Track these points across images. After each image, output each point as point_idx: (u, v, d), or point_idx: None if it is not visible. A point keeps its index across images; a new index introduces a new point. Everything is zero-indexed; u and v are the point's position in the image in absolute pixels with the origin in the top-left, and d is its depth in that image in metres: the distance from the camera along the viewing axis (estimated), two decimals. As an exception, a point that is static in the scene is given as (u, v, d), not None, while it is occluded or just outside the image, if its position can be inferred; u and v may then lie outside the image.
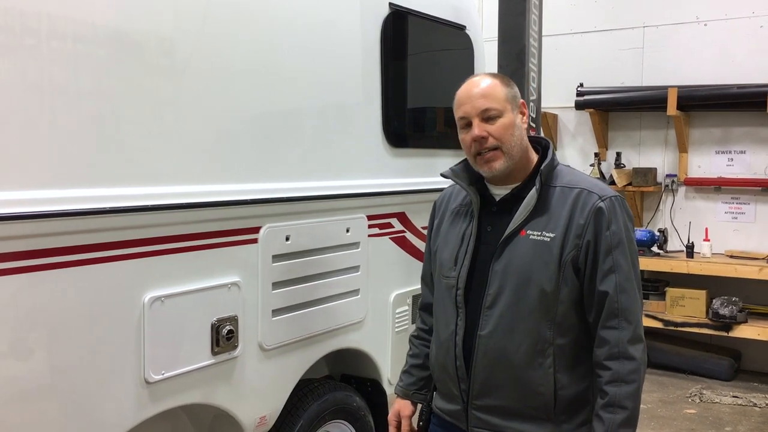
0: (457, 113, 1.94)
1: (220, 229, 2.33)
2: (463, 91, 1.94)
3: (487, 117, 1.88)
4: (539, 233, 1.85)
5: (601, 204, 1.84)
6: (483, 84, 1.91)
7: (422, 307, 2.26)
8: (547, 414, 1.87)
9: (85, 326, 1.97)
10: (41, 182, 1.87)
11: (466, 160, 2.04)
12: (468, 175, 2.01)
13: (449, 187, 2.18)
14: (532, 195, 1.87)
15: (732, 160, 5.87)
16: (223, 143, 2.35)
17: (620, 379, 1.78)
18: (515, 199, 1.92)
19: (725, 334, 5.50)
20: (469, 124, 1.90)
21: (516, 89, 1.95)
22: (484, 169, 1.91)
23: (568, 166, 2.01)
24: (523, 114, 1.94)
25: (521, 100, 1.96)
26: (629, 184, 6.00)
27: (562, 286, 1.84)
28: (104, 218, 1.98)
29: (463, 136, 1.93)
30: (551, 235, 1.85)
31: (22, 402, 1.86)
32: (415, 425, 2.17)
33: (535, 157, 1.98)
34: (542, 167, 1.90)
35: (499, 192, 1.97)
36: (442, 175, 2.06)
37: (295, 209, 2.61)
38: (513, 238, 1.88)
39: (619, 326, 1.80)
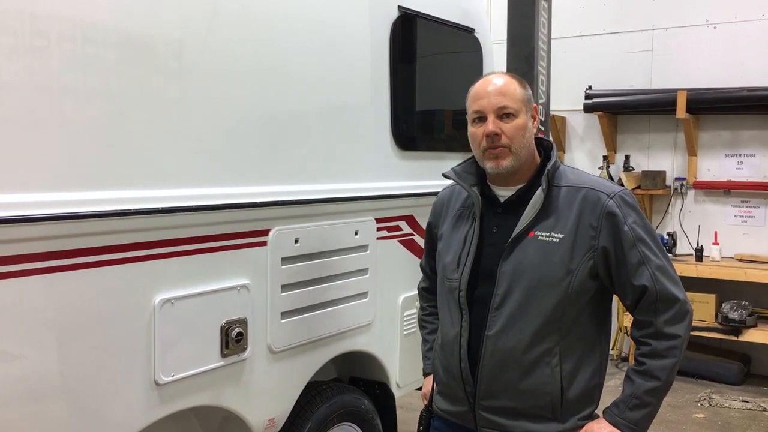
0: (472, 107, 1.93)
1: (230, 231, 2.34)
2: (480, 86, 1.94)
3: (503, 115, 1.88)
4: (548, 234, 1.86)
5: (611, 203, 1.85)
6: (501, 82, 1.92)
7: (422, 288, 2.33)
8: (554, 413, 1.88)
9: (95, 328, 1.98)
10: (51, 185, 1.87)
11: (468, 160, 2.05)
12: (471, 176, 2.01)
13: (449, 187, 2.17)
14: (538, 195, 1.87)
15: (742, 163, 5.84)
16: (232, 146, 2.35)
17: (657, 354, 1.83)
18: (520, 200, 1.93)
19: (734, 338, 5.47)
20: (482, 119, 1.91)
21: (530, 92, 1.97)
22: (491, 165, 1.91)
23: (569, 166, 2.02)
24: (534, 118, 1.95)
25: (534, 105, 1.97)
26: (638, 187, 5.98)
27: (572, 286, 1.84)
28: (114, 221, 1.99)
29: (474, 130, 1.93)
30: (560, 235, 1.85)
31: (32, 403, 1.86)
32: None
33: (538, 158, 1.99)
34: (548, 167, 1.90)
35: (503, 193, 1.97)
36: (444, 176, 2.06)
37: (304, 212, 2.61)
38: (521, 239, 1.88)
39: (658, 310, 1.83)
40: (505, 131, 1.88)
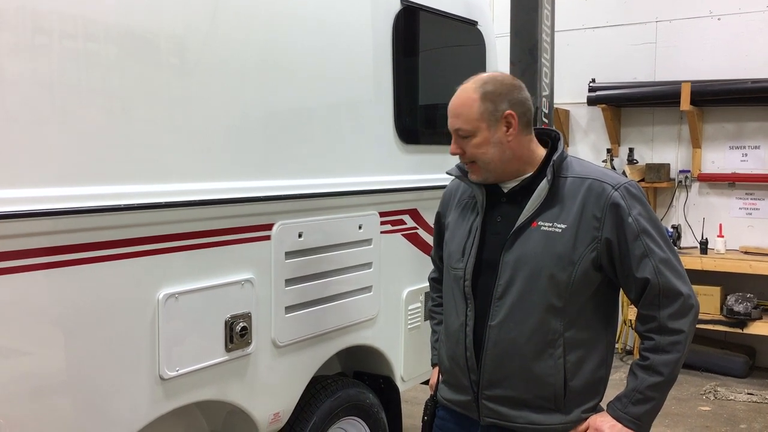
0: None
1: (234, 226, 2.34)
2: (450, 101, 1.96)
3: (460, 135, 1.91)
4: (550, 224, 1.86)
5: (615, 194, 1.84)
6: (459, 100, 1.92)
7: (432, 279, 2.35)
8: (557, 404, 1.88)
9: (100, 323, 1.98)
10: (54, 180, 1.88)
11: None
12: None
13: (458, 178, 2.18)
14: (543, 186, 1.87)
15: (746, 155, 5.82)
16: (236, 141, 2.35)
17: (661, 349, 1.82)
18: (525, 190, 1.92)
19: (740, 330, 5.46)
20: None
21: (502, 102, 1.86)
22: (470, 176, 1.97)
23: (576, 157, 2.01)
24: (509, 125, 1.87)
25: (508, 111, 1.86)
26: (642, 179, 5.96)
27: (575, 277, 1.84)
28: (118, 215, 1.99)
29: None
30: (563, 226, 1.85)
31: (38, 398, 1.87)
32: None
33: (542, 150, 1.97)
34: (554, 158, 1.89)
35: (508, 184, 1.97)
36: (449, 173, 2.09)
37: (307, 206, 2.61)
38: (524, 229, 1.88)
39: (661, 304, 1.82)
40: (466, 150, 1.91)
